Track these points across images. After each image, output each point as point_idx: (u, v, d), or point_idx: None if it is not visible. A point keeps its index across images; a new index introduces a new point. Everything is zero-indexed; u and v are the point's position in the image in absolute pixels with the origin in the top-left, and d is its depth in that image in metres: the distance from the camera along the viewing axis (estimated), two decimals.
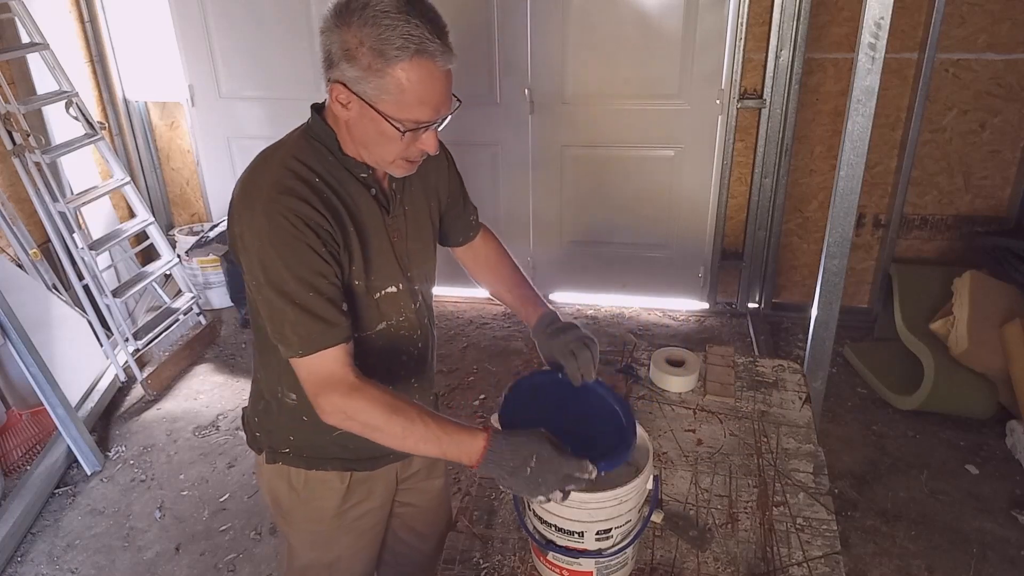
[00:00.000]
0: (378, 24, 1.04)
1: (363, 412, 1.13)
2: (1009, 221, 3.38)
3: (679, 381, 1.76)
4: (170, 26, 3.66)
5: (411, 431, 1.13)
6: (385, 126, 1.11)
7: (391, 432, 1.14)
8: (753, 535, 1.36)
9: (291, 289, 1.12)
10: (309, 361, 1.14)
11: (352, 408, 1.14)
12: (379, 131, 1.13)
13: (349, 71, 1.08)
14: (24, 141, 2.97)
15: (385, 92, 1.08)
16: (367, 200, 1.23)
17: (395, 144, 1.14)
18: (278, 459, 1.39)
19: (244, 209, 1.14)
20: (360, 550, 1.51)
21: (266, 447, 1.39)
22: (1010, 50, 3.10)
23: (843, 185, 2.26)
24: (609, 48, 3.37)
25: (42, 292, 3.07)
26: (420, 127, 1.13)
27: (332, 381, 1.14)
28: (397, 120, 1.11)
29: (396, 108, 1.10)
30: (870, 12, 2.05)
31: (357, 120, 1.14)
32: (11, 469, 2.83)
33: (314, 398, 1.15)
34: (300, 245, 1.11)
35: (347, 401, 1.14)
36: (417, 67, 1.07)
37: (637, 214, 3.70)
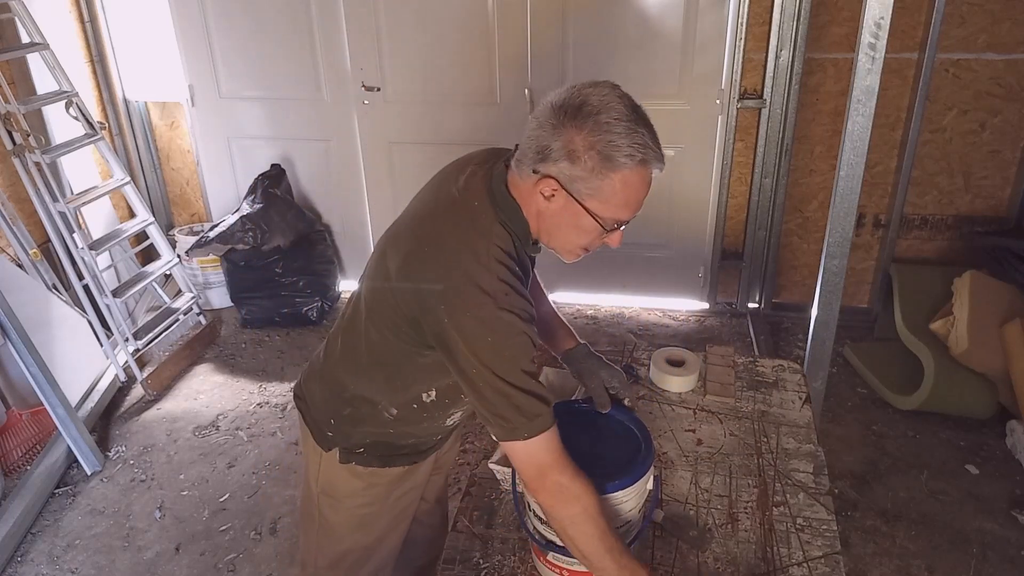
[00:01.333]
0: (610, 131, 1.09)
1: (584, 499, 1.13)
2: (1009, 221, 3.37)
3: (679, 381, 1.76)
4: (170, 26, 3.65)
5: (605, 539, 1.13)
6: (587, 222, 1.16)
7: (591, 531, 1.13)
8: (753, 535, 1.36)
9: (516, 377, 1.13)
10: (532, 444, 1.14)
11: (572, 492, 1.13)
12: (576, 225, 1.17)
13: (569, 170, 1.11)
14: (24, 141, 2.97)
15: (599, 193, 1.12)
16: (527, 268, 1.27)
17: (587, 237, 1.19)
18: (351, 459, 1.41)
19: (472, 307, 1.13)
20: (396, 527, 1.55)
21: (340, 447, 1.41)
22: (1010, 50, 3.10)
23: (843, 185, 2.26)
24: (609, 47, 3.37)
25: (42, 292, 3.07)
26: (618, 226, 1.18)
27: (555, 459, 1.15)
28: (602, 219, 1.15)
29: (603, 207, 1.14)
30: (870, 12, 2.05)
31: (556, 212, 1.17)
32: (11, 469, 2.83)
33: (536, 478, 1.15)
34: (526, 339, 1.14)
35: (569, 482, 1.14)
36: (637, 175, 1.12)
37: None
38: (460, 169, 1.28)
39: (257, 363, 3.51)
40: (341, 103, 3.70)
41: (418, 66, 3.56)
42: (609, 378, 1.42)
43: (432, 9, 3.43)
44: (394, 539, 1.57)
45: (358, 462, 1.41)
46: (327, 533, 1.52)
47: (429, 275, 1.16)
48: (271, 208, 3.59)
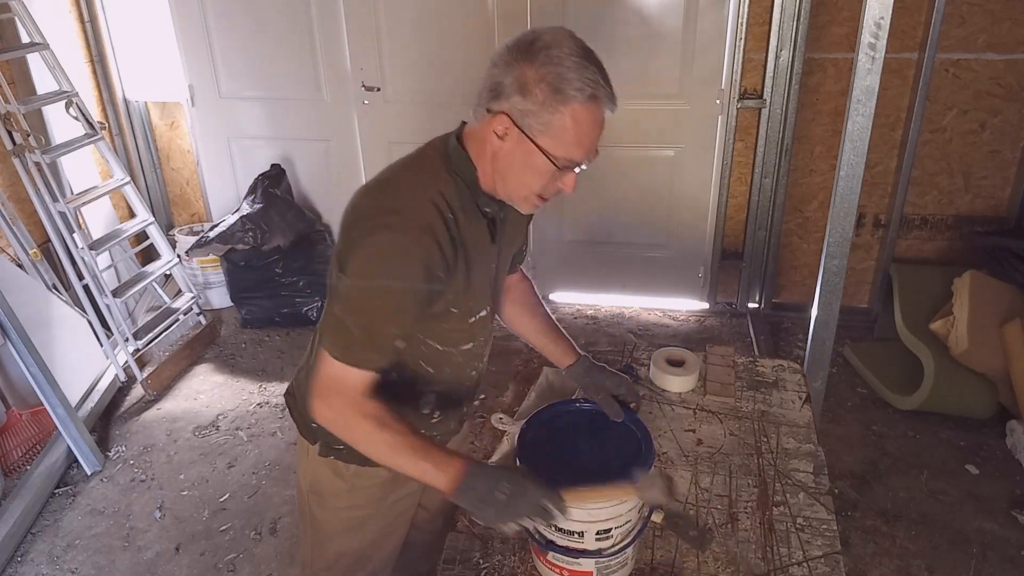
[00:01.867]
0: (561, 64, 1.10)
1: (356, 426, 1.17)
2: (1009, 221, 3.38)
3: (679, 381, 1.76)
4: (170, 26, 3.65)
5: (394, 449, 1.16)
6: (539, 160, 1.14)
7: (374, 451, 1.18)
8: (753, 535, 1.36)
9: (371, 311, 1.14)
10: (339, 365, 1.16)
11: (348, 419, 1.17)
12: (529, 164, 1.16)
13: (520, 104, 1.11)
14: (24, 141, 2.97)
15: (550, 129, 1.12)
16: (483, 230, 1.26)
17: (540, 179, 1.17)
18: (331, 454, 1.40)
19: (378, 226, 1.13)
20: (391, 534, 1.53)
21: (321, 440, 1.40)
22: (1010, 50, 3.10)
23: (843, 185, 2.26)
24: (609, 47, 3.37)
25: (42, 292, 3.07)
26: (571, 166, 1.17)
27: (343, 391, 1.17)
28: (554, 156, 1.14)
29: (555, 145, 1.13)
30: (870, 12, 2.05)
31: (508, 152, 1.16)
32: (11, 469, 2.83)
33: (317, 396, 1.18)
34: (406, 283, 1.13)
35: (346, 411, 1.17)
36: (587, 110, 1.12)
37: (637, 214, 3.70)
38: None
39: (257, 363, 3.51)
40: (341, 103, 3.71)
41: (418, 66, 3.56)
42: (615, 387, 1.42)
43: (432, 9, 3.43)
44: (389, 546, 1.55)
45: (338, 457, 1.39)
46: (318, 533, 1.51)
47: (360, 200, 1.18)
48: (271, 208, 3.59)
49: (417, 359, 1.31)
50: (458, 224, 1.19)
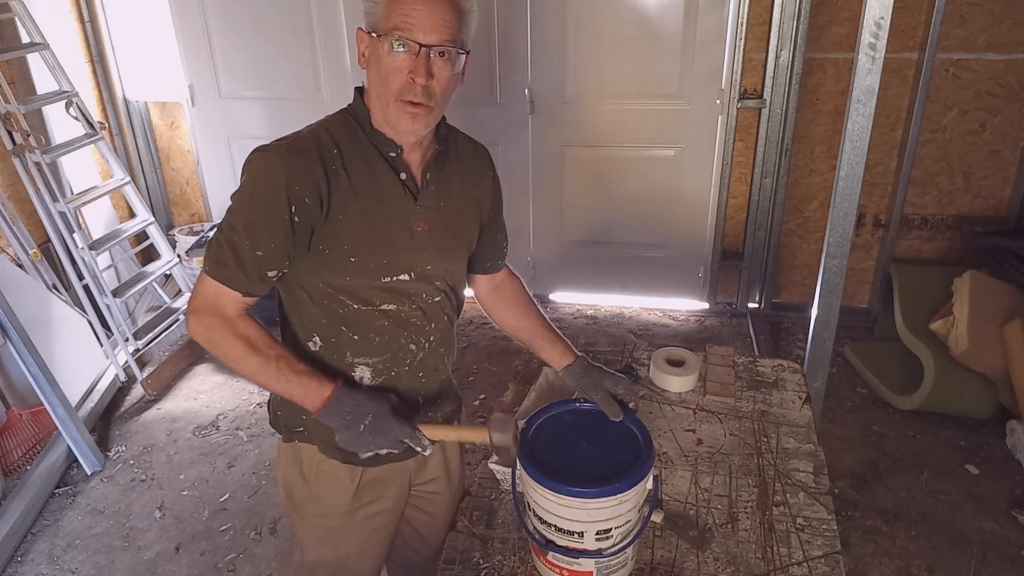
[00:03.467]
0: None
1: (224, 341, 1.21)
2: (1009, 221, 3.38)
3: (679, 381, 1.76)
4: (170, 26, 3.66)
5: (264, 368, 1.21)
6: (382, 48, 1.17)
7: (244, 367, 1.22)
8: (753, 535, 1.36)
9: (237, 227, 1.18)
10: (211, 281, 1.20)
11: (217, 334, 1.21)
12: (376, 60, 1.19)
13: (364, 7, 1.19)
14: (24, 141, 2.97)
15: (379, 9, 1.17)
16: (393, 183, 1.26)
17: (391, 76, 1.17)
18: (293, 437, 1.40)
19: (256, 152, 1.19)
20: (368, 550, 1.50)
21: (283, 426, 1.41)
22: (1010, 50, 3.10)
23: (843, 185, 2.26)
24: (609, 48, 3.37)
25: (42, 292, 3.07)
26: (403, 37, 1.15)
27: (214, 308, 1.21)
28: (381, 29, 1.16)
29: (384, 21, 1.16)
30: (870, 12, 2.05)
31: (369, 65, 1.21)
32: (11, 469, 2.83)
33: (191, 312, 1.22)
34: (270, 202, 1.16)
35: (216, 326, 1.21)
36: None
37: (637, 214, 3.71)
38: None
39: None
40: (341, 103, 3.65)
41: None
42: (613, 386, 1.40)
43: None
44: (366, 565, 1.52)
45: (300, 439, 1.39)
46: (299, 541, 1.51)
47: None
48: None
49: (338, 320, 1.29)
50: (344, 159, 1.22)
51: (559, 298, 3.97)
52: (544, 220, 3.80)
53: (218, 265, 1.19)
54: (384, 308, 1.30)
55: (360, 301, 1.28)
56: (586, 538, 1.18)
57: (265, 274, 1.21)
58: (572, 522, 1.17)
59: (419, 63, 1.16)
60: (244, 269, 1.19)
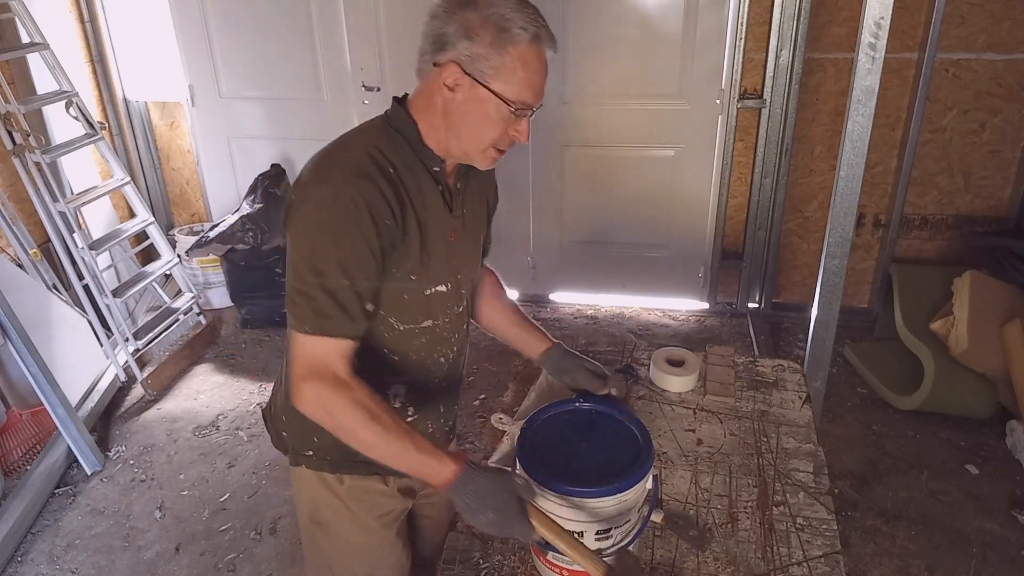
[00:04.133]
0: (504, 6, 1.11)
1: (343, 411, 1.11)
2: (1009, 221, 3.38)
3: (679, 381, 1.76)
4: (170, 26, 3.66)
5: (384, 441, 1.11)
6: (493, 106, 1.14)
7: (363, 438, 1.12)
8: (753, 535, 1.36)
9: (327, 269, 1.10)
10: (312, 341, 1.12)
11: (334, 403, 1.11)
12: (484, 113, 1.15)
13: (468, 49, 1.11)
14: (24, 141, 2.97)
15: (501, 71, 1.12)
16: (435, 196, 1.23)
17: (495, 128, 1.16)
18: (300, 462, 1.35)
19: (313, 183, 1.13)
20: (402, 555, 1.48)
21: (290, 448, 1.36)
22: (1010, 50, 3.10)
23: (843, 185, 2.26)
24: (609, 48, 3.37)
25: (42, 292, 3.07)
26: (525, 110, 1.15)
27: (324, 370, 1.12)
28: (509, 100, 1.13)
29: (506, 88, 1.13)
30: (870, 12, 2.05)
31: (461, 103, 1.15)
32: (11, 469, 2.83)
33: (299, 380, 1.12)
34: (355, 232, 1.10)
35: (331, 394, 1.11)
36: (532, 51, 1.12)
37: (637, 214, 3.71)
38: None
39: (257, 363, 3.51)
40: (341, 103, 3.71)
41: None
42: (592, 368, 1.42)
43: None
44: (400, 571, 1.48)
45: (308, 465, 1.34)
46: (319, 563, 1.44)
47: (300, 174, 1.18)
48: (271, 208, 3.59)
49: (380, 344, 1.26)
50: (400, 175, 1.17)
51: (559, 298, 3.97)
52: (544, 220, 3.80)
53: (319, 319, 1.11)
54: (424, 325, 1.29)
55: (405, 321, 1.26)
56: (586, 538, 1.18)
57: (367, 310, 1.16)
58: (572, 522, 1.17)
59: (526, 125, 1.19)
60: (348, 312, 1.12)
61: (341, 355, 1.13)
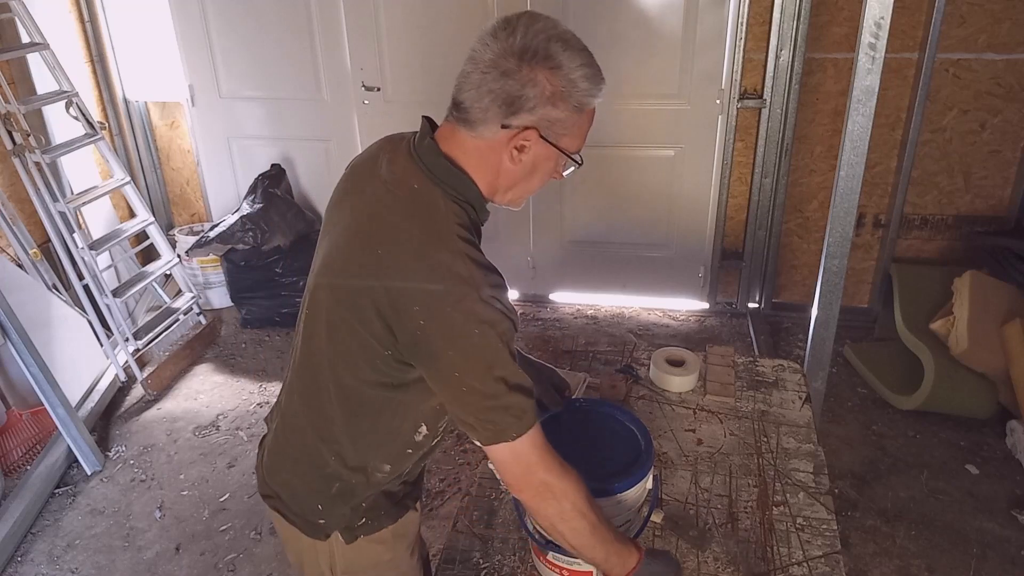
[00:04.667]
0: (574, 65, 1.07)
1: (571, 495, 1.07)
2: (1009, 221, 3.37)
3: (679, 381, 1.76)
4: (170, 26, 3.66)
5: (596, 531, 1.09)
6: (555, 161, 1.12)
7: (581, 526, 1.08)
8: (753, 535, 1.36)
9: (510, 373, 1.04)
10: (522, 443, 1.05)
11: (561, 488, 1.07)
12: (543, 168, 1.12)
13: (551, 114, 1.05)
14: (24, 141, 2.97)
15: (572, 130, 1.09)
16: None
17: (547, 178, 1.15)
18: (358, 534, 1.26)
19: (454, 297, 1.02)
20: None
21: (341, 529, 1.25)
22: (1010, 50, 3.10)
23: (843, 185, 2.26)
24: (609, 47, 3.37)
25: (42, 292, 3.07)
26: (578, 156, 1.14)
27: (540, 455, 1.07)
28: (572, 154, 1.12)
29: (572, 143, 1.11)
30: (870, 12, 2.05)
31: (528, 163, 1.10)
32: (11, 469, 2.83)
33: (521, 480, 1.08)
34: (509, 325, 1.04)
35: (555, 479, 1.07)
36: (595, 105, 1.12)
37: (637, 214, 3.70)
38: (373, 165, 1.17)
39: (257, 363, 3.51)
40: (341, 103, 3.71)
41: (418, 66, 3.56)
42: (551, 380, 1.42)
43: (432, 8, 3.43)
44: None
45: (366, 533, 1.25)
46: None
47: (395, 274, 1.03)
48: (271, 208, 3.59)
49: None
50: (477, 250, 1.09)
51: (559, 298, 3.97)
52: (544, 220, 3.80)
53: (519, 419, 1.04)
54: None
55: None
56: None
57: None
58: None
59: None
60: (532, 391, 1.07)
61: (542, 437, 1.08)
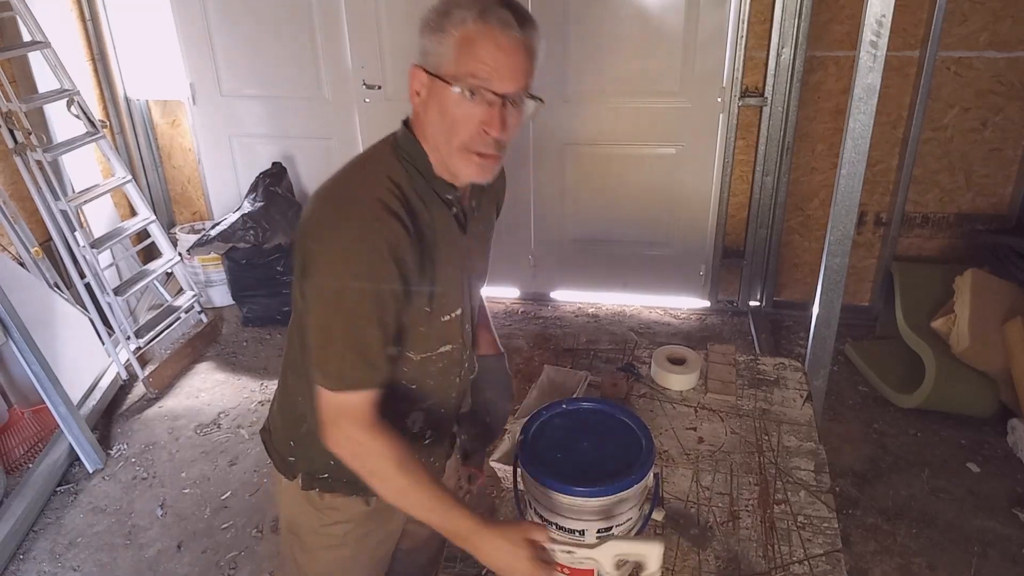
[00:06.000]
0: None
1: (375, 456, 1.10)
2: (1010, 219, 3.37)
3: (680, 379, 1.76)
4: (171, 24, 3.66)
5: (414, 491, 1.10)
6: (451, 100, 1.06)
7: (393, 485, 1.11)
8: (754, 533, 1.36)
9: (357, 322, 1.06)
10: (337, 396, 1.09)
11: (367, 448, 1.10)
12: (443, 109, 1.07)
13: (426, 47, 1.08)
14: (26, 139, 2.97)
15: (447, 56, 1.06)
16: (448, 221, 1.17)
17: (461, 125, 1.07)
18: (315, 485, 1.30)
19: (332, 225, 1.06)
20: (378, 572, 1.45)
21: (302, 472, 1.31)
22: (1011, 48, 3.09)
23: (844, 183, 2.26)
24: (610, 46, 3.37)
25: (44, 290, 3.07)
26: (478, 86, 1.05)
27: (354, 416, 1.09)
28: (454, 77, 1.05)
29: (454, 66, 1.05)
30: (871, 10, 2.05)
31: (427, 107, 1.09)
32: (13, 467, 2.83)
33: (327, 424, 1.10)
34: (383, 280, 1.04)
35: (365, 438, 1.09)
36: (479, 28, 1.04)
37: (638, 212, 3.70)
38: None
39: (258, 361, 3.52)
40: (342, 101, 3.70)
41: None
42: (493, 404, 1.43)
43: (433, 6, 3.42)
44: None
45: (323, 488, 1.30)
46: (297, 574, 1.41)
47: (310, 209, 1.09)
48: (272, 206, 3.59)
49: (398, 378, 1.20)
50: (414, 211, 1.10)
51: (560, 296, 3.97)
52: (545, 218, 3.80)
53: (341, 374, 1.07)
54: (441, 351, 1.24)
55: (423, 350, 1.21)
56: (587, 536, 1.18)
57: (388, 355, 1.11)
58: (573, 520, 1.18)
59: (494, 115, 1.07)
60: (375, 364, 1.08)
61: (370, 401, 1.10)
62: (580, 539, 1.18)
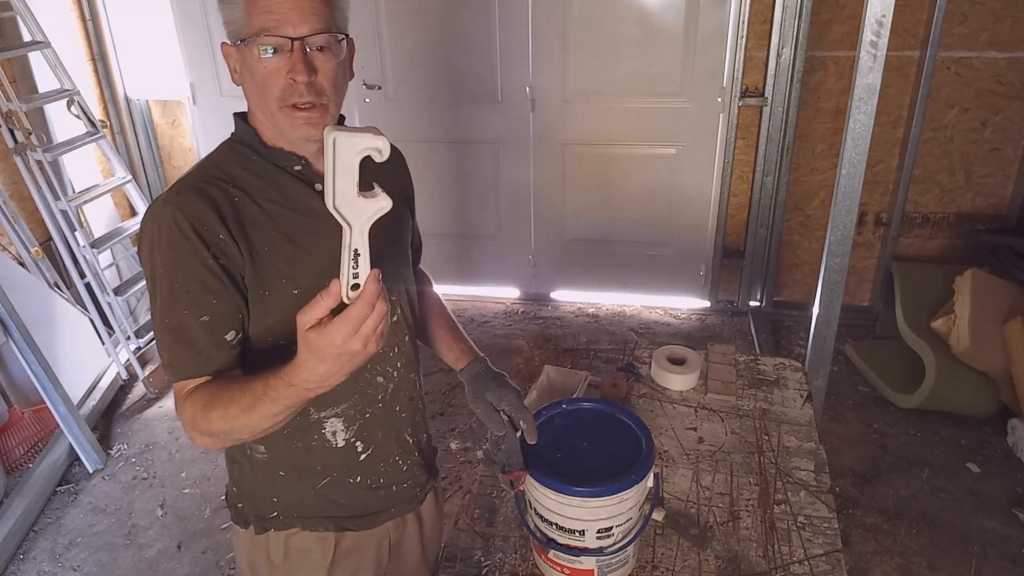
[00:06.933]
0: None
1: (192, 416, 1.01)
2: (1010, 219, 3.37)
3: (680, 379, 1.76)
4: (171, 24, 3.66)
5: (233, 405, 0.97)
6: (251, 58, 1.06)
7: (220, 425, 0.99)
8: (754, 533, 1.36)
9: (171, 307, 1.02)
10: (176, 386, 1.04)
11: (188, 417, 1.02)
12: (253, 73, 1.07)
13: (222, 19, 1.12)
14: (26, 139, 2.97)
15: (239, 17, 1.08)
16: (310, 197, 1.11)
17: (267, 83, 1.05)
18: (268, 526, 1.23)
19: (146, 217, 1.05)
20: None
21: (252, 516, 1.23)
22: (1012, 48, 3.09)
23: (844, 183, 2.26)
24: (610, 46, 3.37)
25: (44, 290, 3.07)
26: (264, 35, 1.03)
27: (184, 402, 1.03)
28: (245, 34, 1.06)
29: (248, 27, 1.06)
30: (872, 10, 2.05)
31: (244, 80, 1.10)
32: (13, 467, 2.84)
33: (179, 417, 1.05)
34: (188, 256, 1.01)
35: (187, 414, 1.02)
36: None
37: (638, 212, 3.70)
38: None
39: None
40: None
41: (419, 64, 3.56)
42: (498, 400, 1.26)
43: (433, 7, 3.42)
44: None
45: (276, 527, 1.22)
46: None
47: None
48: None
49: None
50: (242, 187, 1.08)
51: (560, 297, 3.97)
52: (545, 219, 3.80)
53: (172, 365, 1.03)
54: None
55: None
56: (587, 536, 1.19)
57: (223, 339, 1.04)
58: (573, 520, 1.18)
59: (296, 60, 1.03)
60: (197, 348, 1.02)
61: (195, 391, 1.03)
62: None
